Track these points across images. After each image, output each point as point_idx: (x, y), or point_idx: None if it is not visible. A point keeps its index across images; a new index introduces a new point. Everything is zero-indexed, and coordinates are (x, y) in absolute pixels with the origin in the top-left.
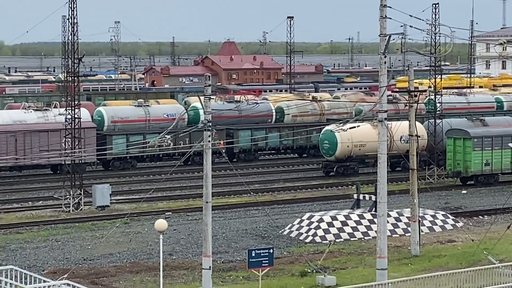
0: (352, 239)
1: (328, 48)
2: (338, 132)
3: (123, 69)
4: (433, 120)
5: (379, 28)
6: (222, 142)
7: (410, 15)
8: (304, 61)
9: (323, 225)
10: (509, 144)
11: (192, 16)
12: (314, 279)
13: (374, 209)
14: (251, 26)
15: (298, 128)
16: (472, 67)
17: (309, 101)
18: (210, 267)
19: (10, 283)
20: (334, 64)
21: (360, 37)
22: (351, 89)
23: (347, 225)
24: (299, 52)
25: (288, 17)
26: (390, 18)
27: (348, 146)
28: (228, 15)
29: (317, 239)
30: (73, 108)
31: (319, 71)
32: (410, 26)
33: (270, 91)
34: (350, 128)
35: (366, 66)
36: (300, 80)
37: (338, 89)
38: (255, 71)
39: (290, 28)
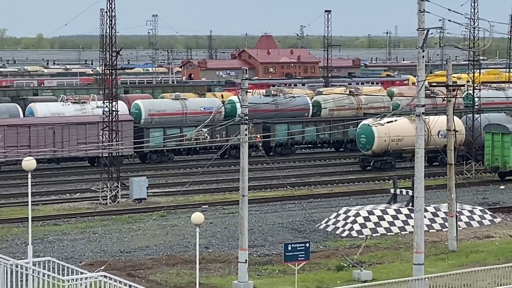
0: (388, 233)
1: (365, 42)
2: (375, 126)
3: (161, 62)
4: (471, 114)
5: (417, 22)
6: (258, 136)
7: (448, 9)
8: (341, 55)
9: (360, 220)
10: None
11: (229, 10)
12: (351, 273)
13: (411, 204)
14: (289, 20)
15: (335, 122)
16: (511, 62)
17: (346, 95)
18: (246, 260)
19: (48, 275)
20: (372, 58)
21: (398, 31)
22: (362, 84)
23: (384, 219)
24: (337, 46)
25: (325, 11)
26: (429, 12)
27: (385, 141)
28: (265, 9)
29: (354, 233)
30: (110, 101)
31: (356, 65)
32: (448, 20)
33: (279, 86)
34: (388, 122)
35: (403, 61)
36: (337, 74)
37: (349, 84)
38: (292, 64)
39: (328, 21)
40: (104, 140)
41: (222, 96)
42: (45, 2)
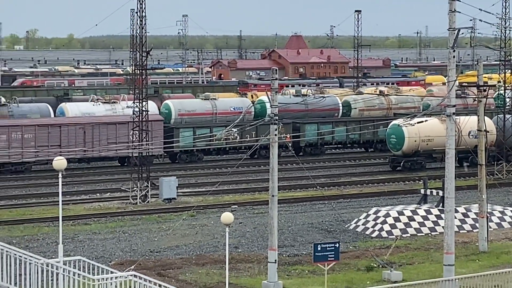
0: (419, 234)
1: (396, 42)
2: (406, 126)
3: (191, 62)
4: (502, 115)
5: (448, 22)
6: (288, 136)
7: (479, 9)
8: (371, 55)
9: (390, 220)
10: None
11: (259, 10)
12: (380, 274)
13: (441, 204)
14: (319, 20)
15: (365, 123)
16: None
17: (376, 96)
18: (275, 260)
19: (78, 274)
20: (402, 58)
21: (428, 31)
22: (377, 84)
23: (414, 220)
24: (367, 46)
25: (356, 11)
26: (459, 12)
27: (415, 141)
28: (295, 9)
29: (384, 234)
30: (140, 101)
31: (386, 65)
32: (479, 20)
33: (292, 86)
34: (418, 122)
35: (434, 61)
36: (377, 74)
37: (364, 84)
38: (322, 65)
39: (358, 21)
40: (134, 140)
41: (252, 96)
42: (76, 3)
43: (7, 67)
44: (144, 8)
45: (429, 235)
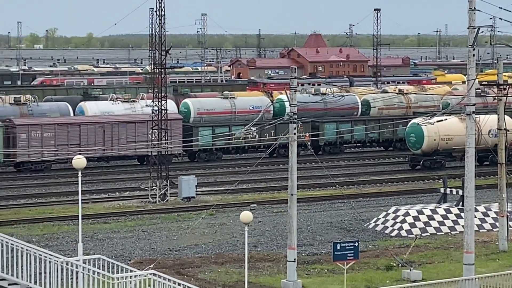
0: (438, 233)
1: (415, 41)
2: (425, 125)
3: (209, 61)
4: None
5: (468, 20)
6: (307, 135)
7: (499, 7)
8: (390, 53)
9: (409, 219)
10: None
11: (278, 8)
12: (400, 273)
13: (461, 203)
14: (338, 19)
15: (384, 121)
16: None
17: (395, 94)
18: (295, 259)
19: (98, 272)
20: (421, 57)
21: (448, 30)
22: (388, 83)
23: (434, 219)
24: (386, 44)
25: (375, 9)
26: (479, 10)
27: (435, 140)
28: (314, 7)
29: (403, 233)
30: (160, 100)
31: (406, 64)
32: (499, 18)
33: (302, 85)
34: (437, 121)
35: (454, 59)
36: (387, 73)
37: (375, 83)
38: (341, 63)
39: (377, 20)
40: (153, 138)
41: (271, 95)
42: (95, 2)
43: (27, 66)
44: (163, 7)
45: (449, 234)
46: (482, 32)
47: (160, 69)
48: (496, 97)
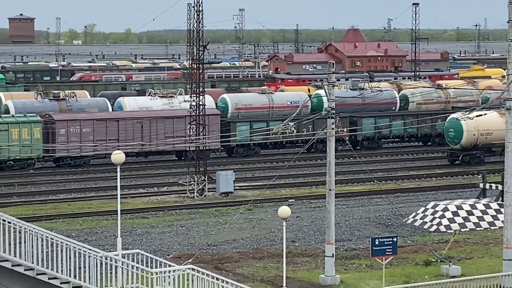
0: (477, 228)
1: (454, 35)
2: (464, 120)
3: (247, 56)
4: None
5: (508, 14)
6: (345, 130)
7: None
8: (429, 48)
9: (448, 214)
10: None
11: (316, 3)
12: (439, 268)
13: (501, 198)
14: (376, 13)
15: (423, 116)
16: None
17: (434, 89)
18: (333, 254)
19: (137, 267)
20: (460, 51)
21: (487, 24)
22: (409, 78)
23: (473, 214)
24: (425, 39)
25: (413, 4)
26: None
27: (474, 135)
28: (352, 2)
29: (442, 228)
30: (197, 95)
31: (444, 59)
32: None
33: (321, 80)
34: (477, 116)
35: (493, 53)
36: (425, 68)
37: (395, 78)
38: (379, 58)
39: (416, 14)
40: (191, 134)
41: (308, 90)
42: None
43: (65, 61)
44: (201, 2)
45: (488, 229)
46: None
47: (198, 65)
48: None
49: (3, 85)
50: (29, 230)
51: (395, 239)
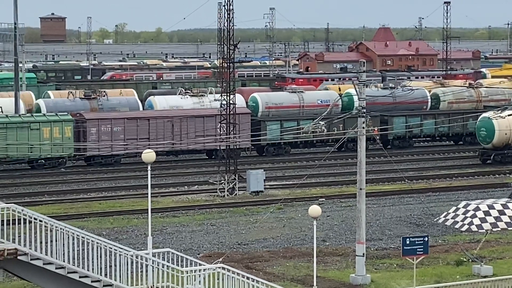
0: (509, 228)
1: (486, 34)
2: (496, 119)
3: (278, 55)
4: None
5: None
6: (376, 129)
7: None
8: (460, 47)
9: (480, 214)
10: None
11: (347, 2)
12: (470, 268)
13: None
14: (407, 12)
15: (454, 115)
16: None
17: (465, 88)
18: (363, 254)
19: (167, 266)
20: (492, 50)
21: None
22: (422, 78)
23: (505, 214)
24: (456, 37)
25: (445, 2)
26: None
27: (506, 134)
28: (383, 1)
29: (473, 228)
30: (228, 94)
31: (476, 57)
32: None
33: (332, 80)
34: (509, 115)
35: None
36: (456, 67)
37: (408, 78)
38: (410, 57)
39: (447, 13)
40: (221, 133)
41: (339, 89)
42: None
43: (97, 60)
44: (232, 1)
45: None
46: None
47: (228, 63)
48: None
49: (35, 84)
50: (61, 228)
51: (426, 239)
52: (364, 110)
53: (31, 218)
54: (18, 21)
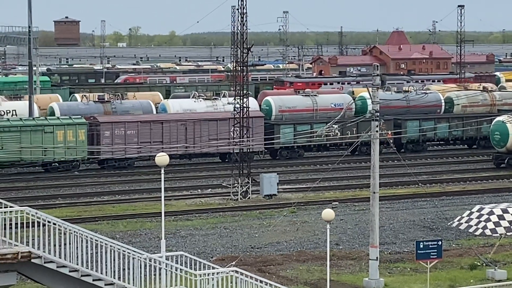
0: None
1: (500, 37)
2: (510, 123)
3: (291, 58)
4: None
5: None
6: (390, 132)
7: None
8: (474, 50)
9: (494, 218)
10: None
11: (360, 5)
12: (484, 272)
13: None
14: (421, 15)
15: (468, 119)
16: None
17: (479, 92)
18: (377, 257)
19: (180, 269)
20: (506, 53)
21: None
22: (422, 81)
23: None
24: (470, 41)
25: (458, 6)
26: None
27: None
28: (397, 4)
29: (487, 232)
30: (241, 98)
31: (490, 61)
32: None
33: (331, 84)
34: None
35: None
36: (470, 70)
37: (408, 81)
38: (424, 60)
39: (461, 16)
40: (235, 136)
41: (353, 92)
42: (177, 0)
43: (110, 64)
44: (245, 4)
45: None
46: None
47: (242, 67)
48: None
49: (49, 87)
50: (74, 231)
51: (440, 243)
52: (378, 114)
53: (45, 221)
54: (32, 25)
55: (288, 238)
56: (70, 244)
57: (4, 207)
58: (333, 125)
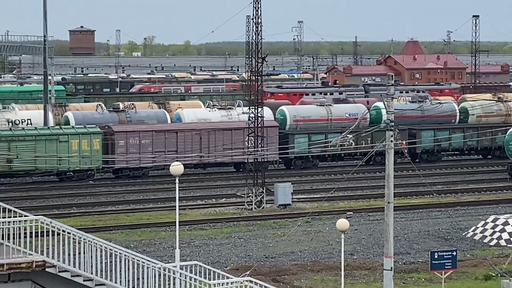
0: None
1: None
2: None
3: (306, 68)
4: None
5: None
6: (404, 142)
7: None
8: (489, 60)
9: (508, 229)
10: None
11: (375, 15)
12: (499, 283)
13: None
14: (435, 25)
15: (483, 129)
16: None
17: (494, 102)
18: (391, 268)
19: (195, 278)
20: None
21: None
22: (407, 92)
23: None
24: (485, 51)
25: (473, 16)
26: None
27: None
28: (411, 14)
29: (502, 242)
30: (256, 107)
31: (505, 71)
32: None
33: (313, 94)
34: None
35: None
36: (485, 80)
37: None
38: (438, 70)
39: (476, 27)
40: (249, 146)
41: (367, 102)
42: (192, 10)
43: (125, 73)
44: (260, 14)
45: None
46: None
47: (256, 76)
48: None
49: (64, 97)
50: (89, 241)
51: (454, 253)
52: (393, 124)
53: (59, 230)
54: (48, 34)
55: (302, 248)
56: (84, 253)
57: (19, 216)
58: (348, 135)
